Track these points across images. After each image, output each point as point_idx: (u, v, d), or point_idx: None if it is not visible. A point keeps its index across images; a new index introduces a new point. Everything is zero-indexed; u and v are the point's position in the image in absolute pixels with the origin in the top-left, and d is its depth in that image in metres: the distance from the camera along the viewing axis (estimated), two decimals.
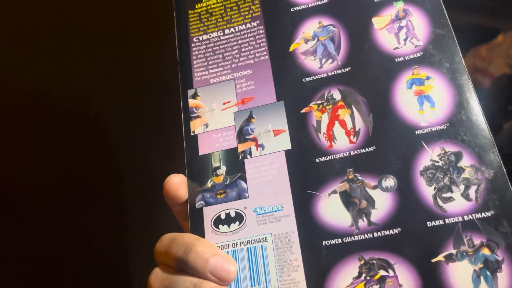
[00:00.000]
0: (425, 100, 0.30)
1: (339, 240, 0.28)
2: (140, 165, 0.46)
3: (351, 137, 0.31)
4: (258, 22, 0.36)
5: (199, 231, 0.31)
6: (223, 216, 0.31)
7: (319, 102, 0.32)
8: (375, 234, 0.28)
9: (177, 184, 0.31)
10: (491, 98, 0.67)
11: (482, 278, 0.25)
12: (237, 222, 0.30)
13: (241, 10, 0.37)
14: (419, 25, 0.32)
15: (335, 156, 0.31)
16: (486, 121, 0.28)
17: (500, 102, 0.68)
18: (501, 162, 0.27)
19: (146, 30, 0.51)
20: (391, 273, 0.27)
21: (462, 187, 0.28)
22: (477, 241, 0.26)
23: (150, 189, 0.32)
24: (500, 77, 0.70)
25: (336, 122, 0.32)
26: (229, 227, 0.31)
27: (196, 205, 0.32)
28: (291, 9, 0.36)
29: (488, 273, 0.25)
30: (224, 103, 0.34)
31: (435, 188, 0.28)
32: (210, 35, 0.37)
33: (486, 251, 0.26)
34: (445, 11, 0.32)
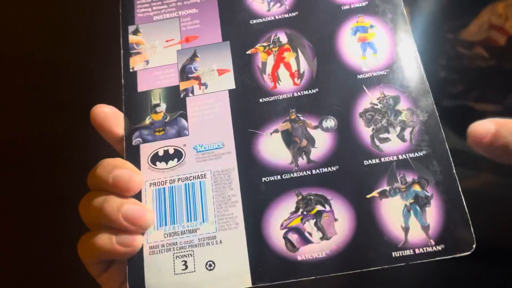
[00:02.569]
0: (368, 46, 0.31)
1: (278, 177, 0.28)
2: (76, 102, 0.43)
3: (295, 79, 0.31)
4: None
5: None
6: (161, 153, 0.30)
7: (265, 44, 0.32)
8: (314, 171, 0.28)
9: (107, 114, 0.30)
10: (505, 56, 0.68)
11: (412, 212, 0.26)
12: (176, 159, 0.30)
13: None
14: None
15: (279, 97, 0.30)
16: (422, 69, 0.30)
17: None
18: (434, 106, 0.28)
19: None
20: (327, 208, 0.27)
21: (398, 128, 0.28)
22: (409, 178, 0.27)
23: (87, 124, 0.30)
24: None
25: (281, 64, 0.31)
26: (166, 163, 0.29)
27: (133, 142, 0.30)
28: None
29: (417, 207, 0.26)
30: (167, 41, 0.33)
31: (373, 129, 0.29)
32: None
33: (417, 188, 0.27)
34: None
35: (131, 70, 0.32)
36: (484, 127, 0.25)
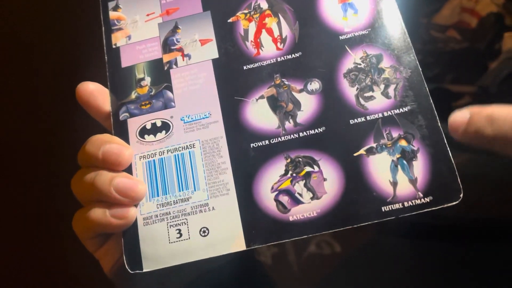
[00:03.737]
0: (349, 7, 0.31)
1: (266, 142, 0.28)
2: (59, 83, 0.43)
3: (278, 44, 0.31)
4: None
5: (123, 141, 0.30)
6: (148, 126, 0.30)
7: (246, 11, 0.32)
8: (301, 134, 0.28)
9: (93, 91, 0.30)
10: (477, 38, 0.69)
11: (399, 166, 0.27)
12: (164, 131, 0.30)
13: None
14: None
15: (263, 63, 0.30)
16: (403, 26, 0.30)
17: (487, 41, 0.70)
18: (417, 62, 0.29)
19: None
20: (316, 168, 0.28)
21: (382, 86, 0.29)
22: (395, 134, 0.27)
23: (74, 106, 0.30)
24: (487, 16, 0.71)
25: (263, 30, 0.31)
26: (155, 136, 0.30)
27: (120, 117, 0.30)
28: None
29: (404, 162, 0.27)
30: (147, 15, 0.33)
31: (357, 88, 0.29)
32: None
33: (403, 143, 0.27)
34: None
35: (113, 47, 0.32)
36: (460, 116, 0.25)
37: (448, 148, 0.27)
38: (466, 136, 0.25)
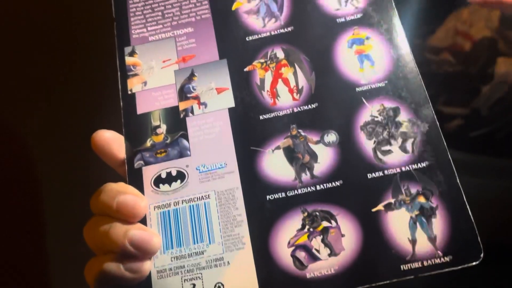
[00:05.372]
0: (365, 59, 0.31)
1: (283, 194, 0.28)
2: (73, 128, 0.43)
3: (294, 94, 0.31)
4: None
5: (138, 191, 0.29)
6: (163, 175, 0.30)
7: (262, 60, 0.32)
8: (318, 187, 0.28)
9: (108, 139, 0.30)
10: (471, 61, 0.70)
11: (418, 224, 0.26)
12: (179, 181, 0.29)
13: None
14: None
15: (279, 113, 0.30)
16: (421, 78, 0.30)
17: (480, 64, 0.70)
18: (435, 115, 0.29)
19: None
20: (333, 223, 0.27)
21: (399, 140, 0.29)
22: (413, 190, 0.27)
23: (88, 151, 0.30)
24: (481, 40, 0.72)
25: (280, 80, 0.31)
26: (170, 186, 0.29)
27: (135, 165, 0.30)
28: None
29: (423, 219, 0.26)
30: (163, 61, 0.33)
31: (374, 142, 0.29)
32: None
33: (421, 199, 0.27)
34: None
35: (129, 92, 0.32)
36: None
37: (468, 207, 0.26)
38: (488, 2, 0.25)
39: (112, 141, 0.30)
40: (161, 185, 0.29)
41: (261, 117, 0.30)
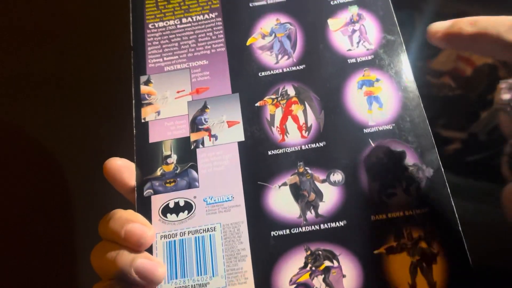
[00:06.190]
0: (374, 100, 0.32)
1: (287, 231, 0.29)
2: (86, 153, 0.44)
3: (303, 132, 0.32)
4: (216, 13, 0.36)
5: (146, 219, 0.30)
6: (171, 205, 0.30)
7: (273, 96, 0.33)
8: (322, 226, 0.29)
9: (120, 167, 0.31)
10: (471, 86, 0.70)
11: (418, 269, 0.27)
12: (186, 211, 0.30)
13: (200, 0, 0.37)
14: (372, 30, 0.34)
15: (287, 150, 0.31)
16: (427, 124, 0.30)
17: (480, 90, 0.71)
18: (440, 162, 0.29)
19: (99, 15, 0.49)
20: (335, 263, 0.28)
21: (404, 184, 0.29)
22: (415, 235, 0.28)
23: (100, 180, 0.31)
24: (482, 66, 0.73)
25: (289, 117, 0.32)
26: (177, 216, 0.30)
27: (144, 193, 0.31)
28: (250, 4, 0.36)
29: (424, 265, 0.27)
30: (178, 92, 0.34)
31: (380, 184, 0.29)
32: (166, 23, 0.36)
33: (423, 245, 0.27)
34: (395, 18, 0.34)
35: (142, 121, 0.33)
36: (442, 23, 0.27)
37: (468, 254, 0.27)
38: (446, 37, 0.26)
39: (123, 169, 0.31)
40: (168, 214, 0.30)
41: (269, 153, 0.31)
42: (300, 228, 0.29)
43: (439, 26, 0.27)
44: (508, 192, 0.24)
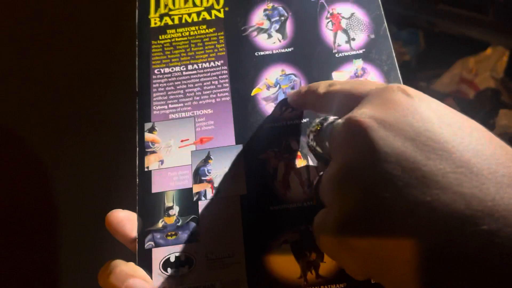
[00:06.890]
0: None
1: None
2: (88, 200, 0.44)
3: (306, 187, 0.32)
4: (222, 62, 0.36)
5: (147, 273, 0.30)
6: (172, 259, 0.30)
7: (276, 149, 0.33)
8: None
9: (122, 219, 0.31)
10: (473, 109, 0.70)
11: None
12: (186, 266, 0.30)
13: (206, 47, 0.37)
14: None
15: (289, 206, 0.31)
16: None
17: (482, 114, 0.71)
18: None
19: (105, 58, 0.49)
20: None
21: None
22: None
23: (100, 228, 0.31)
24: (485, 90, 0.73)
25: (292, 172, 0.32)
26: (178, 271, 0.30)
27: (146, 245, 0.31)
28: (256, 53, 0.36)
29: None
30: (182, 141, 0.34)
31: None
32: (172, 69, 0.37)
33: None
34: (399, 74, 0.34)
35: (146, 170, 0.33)
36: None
37: None
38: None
39: (125, 221, 0.31)
40: (169, 269, 0.30)
41: (271, 208, 0.31)
42: None
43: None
44: (317, 221, 0.25)
